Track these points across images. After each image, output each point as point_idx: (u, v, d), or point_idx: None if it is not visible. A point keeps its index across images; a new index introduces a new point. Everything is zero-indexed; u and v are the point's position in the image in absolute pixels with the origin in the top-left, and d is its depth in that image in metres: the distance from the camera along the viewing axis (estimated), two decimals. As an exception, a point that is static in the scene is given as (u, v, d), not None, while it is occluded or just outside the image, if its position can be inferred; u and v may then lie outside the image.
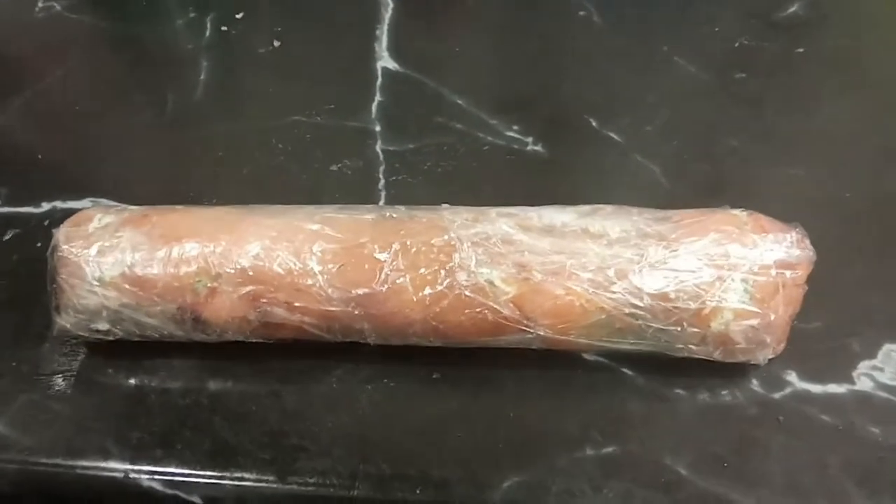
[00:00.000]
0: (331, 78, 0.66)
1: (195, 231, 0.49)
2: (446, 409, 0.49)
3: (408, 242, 0.47)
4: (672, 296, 0.45)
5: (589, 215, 0.48)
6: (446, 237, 0.47)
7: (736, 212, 0.47)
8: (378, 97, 0.64)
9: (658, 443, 0.47)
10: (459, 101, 0.63)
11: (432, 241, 0.47)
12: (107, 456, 0.48)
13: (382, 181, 0.59)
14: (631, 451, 0.46)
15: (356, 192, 0.59)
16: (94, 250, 0.48)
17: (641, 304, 0.45)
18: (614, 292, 0.45)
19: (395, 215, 0.49)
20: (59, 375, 0.52)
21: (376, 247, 0.47)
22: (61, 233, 0.49)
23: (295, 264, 0.47)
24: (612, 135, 0.60)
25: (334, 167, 0.60)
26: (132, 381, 0.51)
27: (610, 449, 0.47)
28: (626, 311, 0.45)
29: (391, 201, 0.58)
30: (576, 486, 0.46)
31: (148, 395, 0.51)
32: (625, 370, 0.49)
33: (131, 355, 0.52)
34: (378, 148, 0.61)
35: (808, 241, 0.46)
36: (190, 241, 0.48)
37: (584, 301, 0.45)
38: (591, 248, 0.46)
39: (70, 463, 0.49)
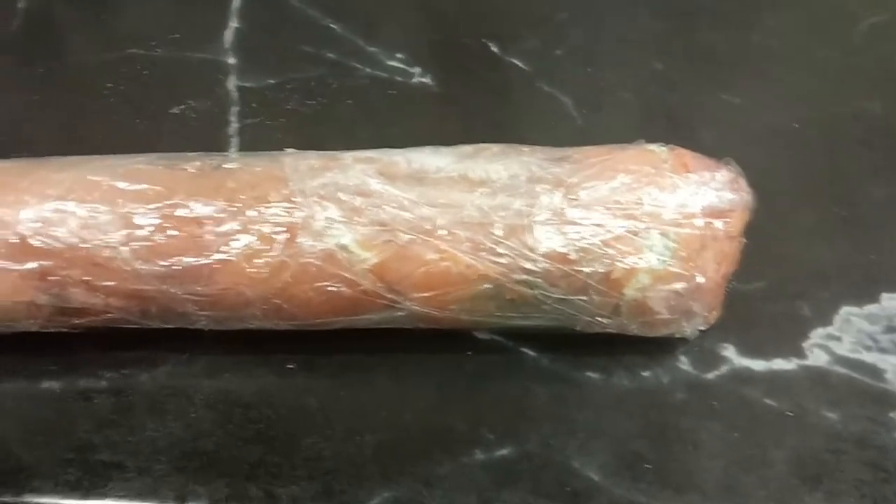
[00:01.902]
0: (176, 1, 0.54)
1: (-42, 192, 0.38)
2: (302, 407, 0.39)
3: (240, 199, 0.37)
4: (573, 256, 0.35)
5: (470, 157, 0.38)
6: (286, 190, 0.37)
7: (653, 147, 0.37)
8: (233, 23, 0.53)
9: (564, 441, 0.37)
10: (333, 26, 0.52)
11: (270, 197, 0.37)
12: None
13: (235, 125, 0.48)
14: (530, 453, 0.37)
15: (201, 140, 0.48)
16: None
17: (535, 269, 0.35)
18: (501, 255, 0.35)
19: (225, 165, 0.39)
20: None
21: (199, 206, 0.37)
22: None
23: (92, 231, 0.36)
24: (516, 61, 0.50)
25: (176, 109, 0.49)
26: None
27: (504, 451, 0.37)
28: (518, 277, 0.35)
29: (244, 149, 0.47)
30: (460, 499, 0.36)
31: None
32: (525, 350, 0.40)
33: None
34: (231, 85, 0.50)
35: (743, 181, 0.36)
36: (-49, 205, 0.37)
37: (464, 267, 0.35)
38: (471, 198, 0.36)
39: None
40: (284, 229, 0.36)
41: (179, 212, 0.37)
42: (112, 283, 0.37)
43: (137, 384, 0.40)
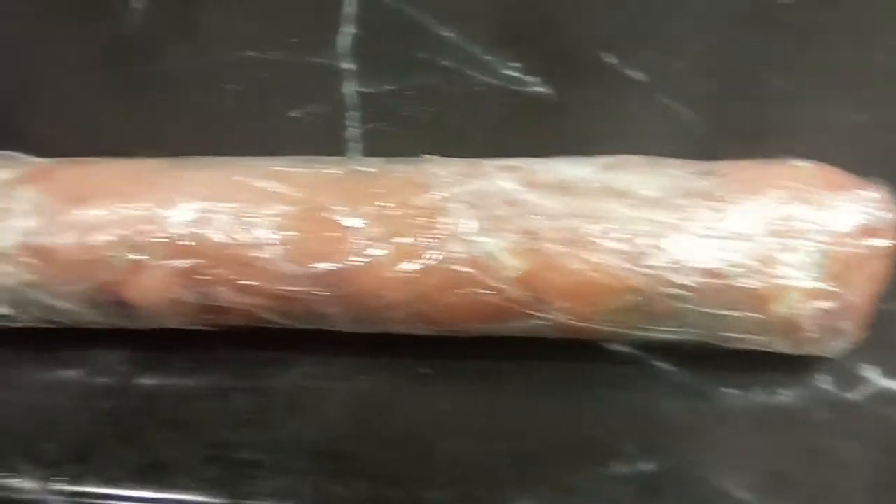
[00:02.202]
0: (290, 5, 0.55)
1: (111, 189, 0.38)
2: (438, 413, 0.39)
3: (384, 204, 0.37)
4: (723, 271, 0.35)
5: (613, 168, 0.38)
6: (432, 196, 0.37)
7: (800, 163, 0.37)
8: (348, 28, 0.53)
9: (705, 456, 0.37)
10: (447, 33, 0.52)
11: (414, 202, 0.37)
12: (14, 473, 0.38)
13: (353, 130, 0.49)
14: (671, 468, 0.37)
15: (321, 144, 0.48)
16: (-15, 214, 0.38)
17: (684, 283, 0.35)
18: (649, 267, 0.35)
19: (367, 169, 0.39)
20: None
21: (344, 209, 0.37)
22: (-58, 193, 0.39)
23: (239, 231, 0.37)
24: (634, 73, 0.50)
25: (295, 113, 0.49)
26: (43, 378, 0.41)
27: (644, 465, 0.37)
28: (666, 290, 0.35)
29: (365, 154, 0.47)
30: (600, 510, 0.36)
31: (64, 397, 0.40)
32: (659, 364, 0.40)
33: (41, 346, 0.41)
34: (349, 90, 0.50)
35: (894, 200, 0.36)
36: (105, 201, 0.38)
37: (612, 278, 0.35)
38: (619, 209, 0.36)
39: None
40: (431, 235, 0.36)
41: (325, 214, 0.37)
42: (258, 283, 0.37)
43: (275, 384, 0.40)
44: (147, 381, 0.41)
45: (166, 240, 0.37)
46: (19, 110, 0.52)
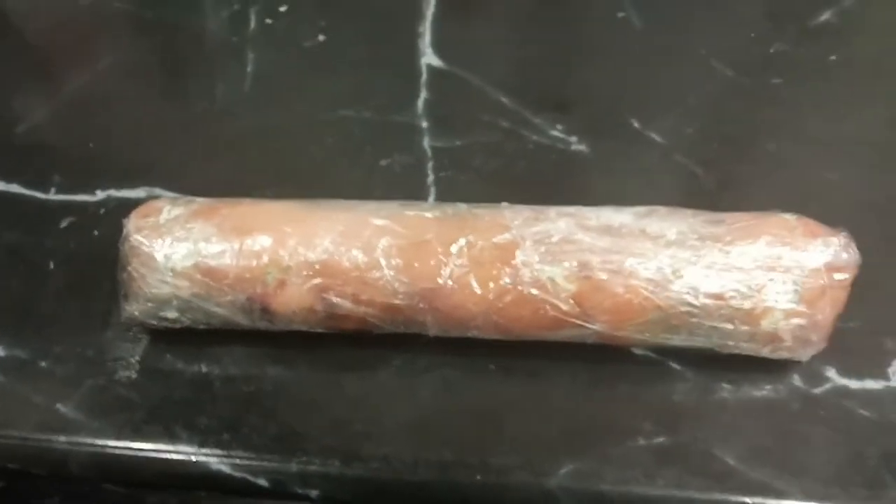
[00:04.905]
0: (376, 73, 0.67)
1: (265, 224, 0.50)
2: (502, 399, 0.51)
3: (471, 239, 0.49)
4: (726, 295, 0.47)
5: (646, 216, 0.50)
6: (509, 235, 0.49)
7: (787, 216, 0.49)
8: (424, 94, 0.65)
9: (707, 434, 0.49)
10: (503, 100, 0.65)
11: (495, 240, 0.49)
12: (175, 440, 0.50)
13: (431, 177, 0.61)
14: (681, 442, 0.49)
15: (405, 187, 0.60)
16: (166, 241, 0.50)
17: (697, 303, 0.47)
18: (672, 291, 0.47)
19: (457, 213, 0.51)
20: (124, 361, 0.53)
21: (442, 243, 0.49)
22: (132, 223, 0.51)
23: (363, 258, 0.49)
24: (654, 135, 0.62)
25: (384, 162, 0.62)
26: (195, 367, 0.53)
27: (661, 439, 0.49)
28: (682, 309, 0.47)
29: (440, 197, 0.60)
30: (629, 474, 0.48)
31: (212, 382, 0.52)
32: (673, 364, 0.52)
33: (193, 343, 0.53)
34: (426, 144, 0.63)
35: (854, 246, 0.48)
36: (261, 233, 0.50)
37: (643, 299, 0.47)
38: (650, 248, 0.48)
39: (139, 446, 0.50)
40: (507, 264, 0.48)
41: (429, 247, 0.49)
42: (374, 298, 0.49)
43: (376, 375, 0.52)
44: (276, 371, 0.53)
45: (307, 263, 0.49)
46: (156, 153, 0.64)
